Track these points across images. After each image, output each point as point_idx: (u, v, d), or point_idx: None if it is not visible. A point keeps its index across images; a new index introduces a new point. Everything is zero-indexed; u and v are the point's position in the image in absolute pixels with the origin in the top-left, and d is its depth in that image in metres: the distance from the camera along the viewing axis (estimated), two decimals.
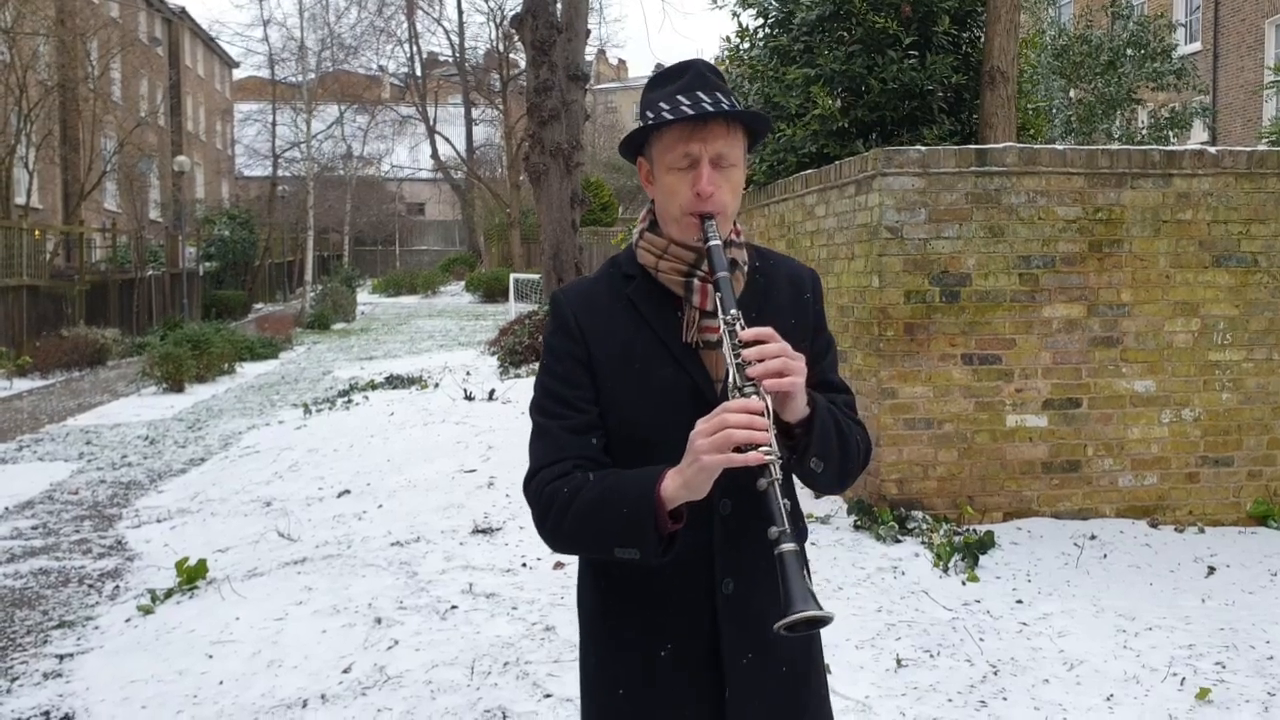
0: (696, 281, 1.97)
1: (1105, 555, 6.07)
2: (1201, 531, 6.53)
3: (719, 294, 1.90)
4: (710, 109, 1.91)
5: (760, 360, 1.80)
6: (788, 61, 8.52)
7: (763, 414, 1.77)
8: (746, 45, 9.29)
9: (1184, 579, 5.79)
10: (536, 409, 2.03)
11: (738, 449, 1.74)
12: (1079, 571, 5.84)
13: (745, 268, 2.03)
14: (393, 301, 40.00)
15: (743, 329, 1.85)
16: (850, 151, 7.57)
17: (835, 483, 2.01)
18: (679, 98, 1.94)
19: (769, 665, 2.00)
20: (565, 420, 1.97)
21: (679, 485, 1.80)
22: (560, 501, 1.90)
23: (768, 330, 1.84)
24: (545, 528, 1.94)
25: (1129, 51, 15.82)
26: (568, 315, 2.01)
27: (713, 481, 1.79)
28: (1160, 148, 7.15)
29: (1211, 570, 5.90)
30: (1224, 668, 4.62)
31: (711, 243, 1.92)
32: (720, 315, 1.89)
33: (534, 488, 1.96)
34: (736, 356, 1.82)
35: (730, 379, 1.82)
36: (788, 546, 1.72)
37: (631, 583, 1.98)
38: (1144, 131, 16.46)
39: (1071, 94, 16.74)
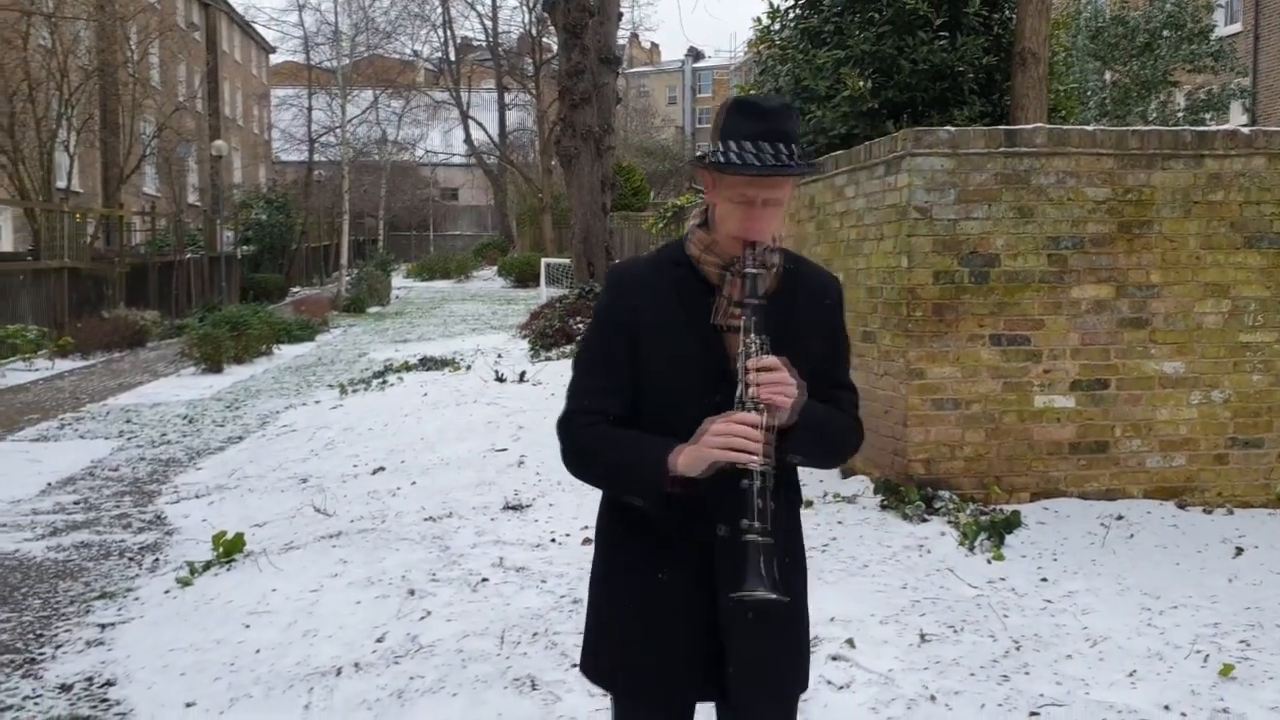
0: (730, 275, 2.31)
1: (1132, 535, 6.09)
2: (1230, 513, 6.52)
3: (751, 317, 2.25)
4: (773, 165, 2.22)
5: (766, 385, 2.20)
6: (818, 43, 8.54)
7: (758, 427, 2.19)
8: (777, 26, 9.31)
9: (1211, 559, 5.80)
10: (579, 361, 2.42)
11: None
12: (1105, 551, 5.86)
13: (779, 269, 2.36)
14: (426, 286, 40.26)
15: (760, 353, 2.23)
16: (880, 133, 7.58)
17: (819, 466, 2.47)
18: (746, 145, 2.22)
19: (762, 600, 2.26)
20: (600, 378, 2.36)
21: (685, 463, 2.22)
22: (593, 446, 2.33)
23: (774, 360, 2.22)
24: (573, 462, 2.38)
25: (1166, 33, 15.64)
26: (622, 287, 2.37)
27: (765, 475, 2.19)
28: (1192, 129, 7.12)
29: (1239, 551, 5.90)
30: (1249, 646, 4.63)
31: (748, 270, 2.27)
32: (743, 338, 2.24)
33: (569, 427, 2.37)
34: (747, 374, 2.22)
35: (740, 392, 2.22)
36: (752, 537, 2.15)
37: (644, 521, 2.34)
38: (1180, 114, 16.29)
39: (1107, 76, 16.58)
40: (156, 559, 6.74)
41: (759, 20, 9.39)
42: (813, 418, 2.29)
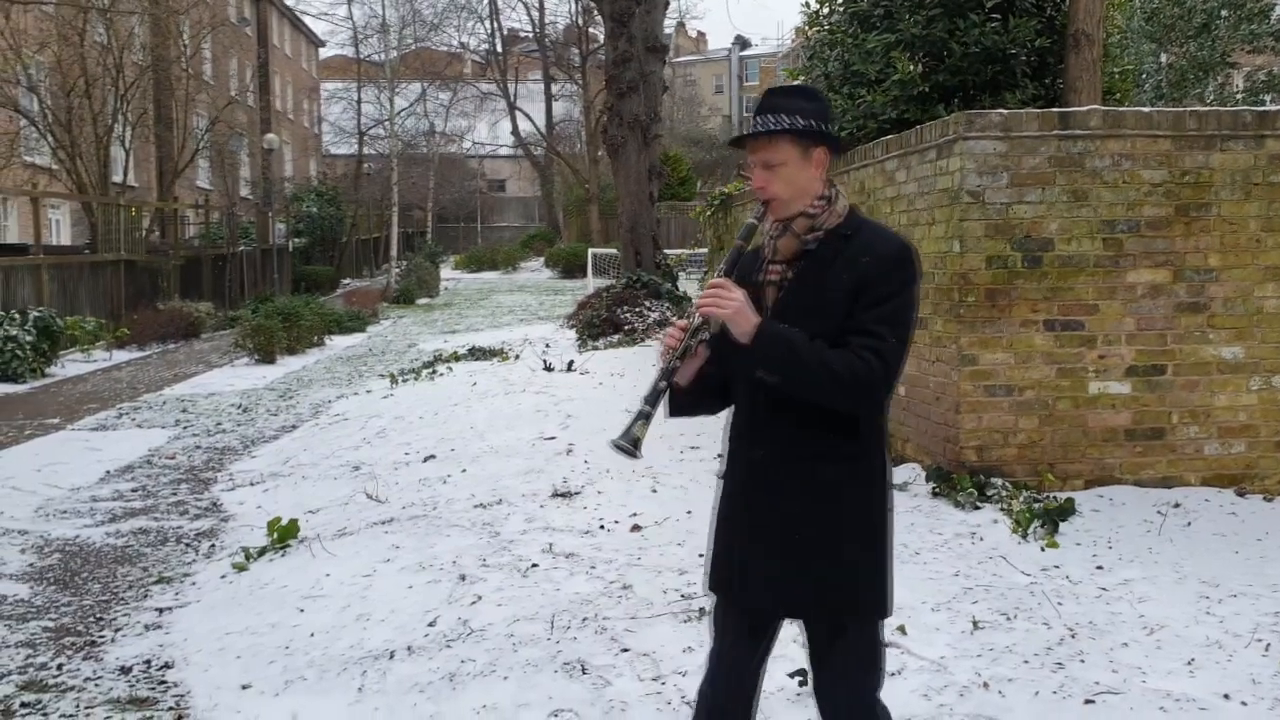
0: (767, 240, 2.78)
1: (1189, 523, 5.99)
2: None
3: (729, 252, 2.81)
4: (749, 132, 2.72)
5: (703, 298, 2.66)
6: (868, 27, 8.45)
7: (685, 330, 2.71)
8: (826, 11, 9.23)
9: (1271, 548, 5.69)
10: None
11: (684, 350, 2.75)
12: (1161, 539, 5.77)
13: (812, 234, 2.71)
14: (474, 277, 40.46)
15: (719, 278, 2.68)
16: (931, 117, 7.50)
17: (803, 393, 2.63)
18: (751, 119, 2.76)
19: (788, 518, 2.70)
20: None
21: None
22: None
23: (720, 280, 2.68)
24: None
25: (1224, 13, 15.30)
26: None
27: (669, 364, 2.71)
28: (1252, 108, 6.97)
29: None
30: None
31: (748, 221, 2.78)
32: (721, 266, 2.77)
33: None
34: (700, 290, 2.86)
35: (691, 303, 2.71)
36: (643, 407, 2.69)
37: (727, 449, 2.88)
38: (1239, 96, 15.92)
39: (1163, 58, 16.25)
40: (213, 545, 6.84)
41: (807, 5, 9.32)
42: (774, 337, 2.61)
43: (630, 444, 2.66)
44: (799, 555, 2.71)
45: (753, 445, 2.76)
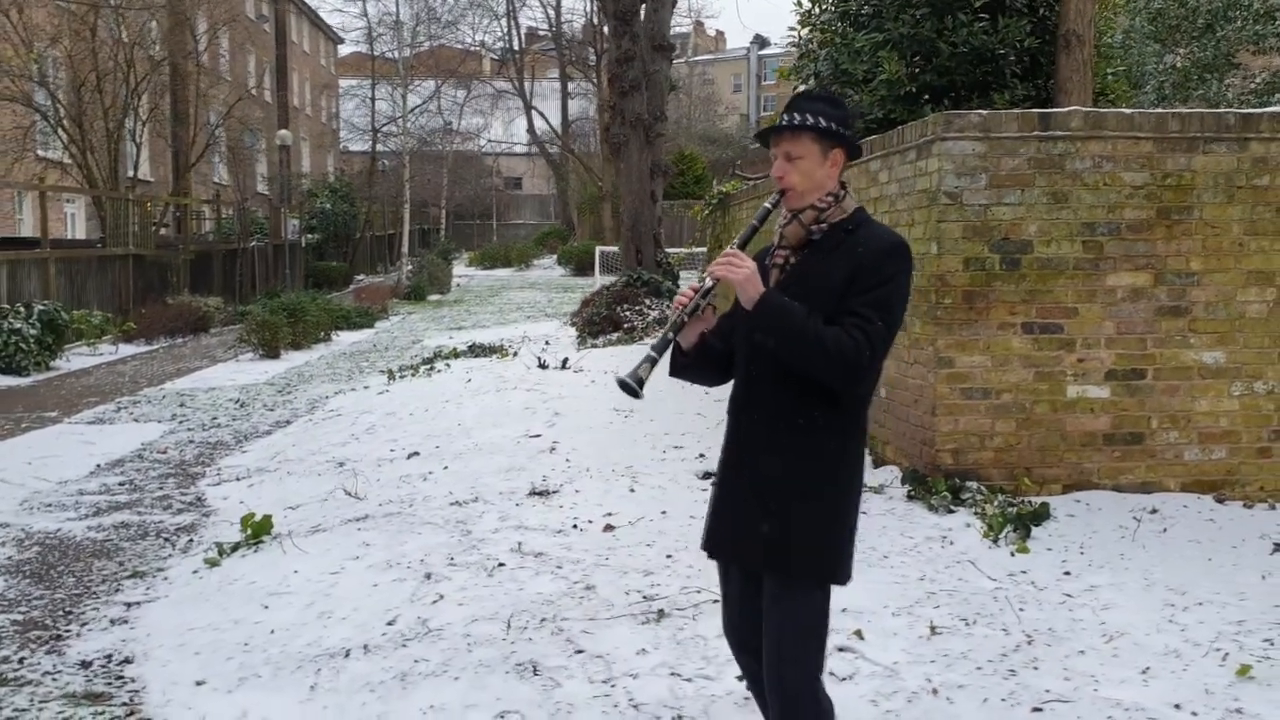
0: (777, 227, 3.01)
1: (1165, 530, 5.92)
2: (1272, 508, 6.32)
3: (745, 228, 3.05)
4: (773, 126, 2.99)
5: (716, 263, 2.87)
6: (857, 26, 8.40)
7: (697, 290, 2.95)
8: (818, 10, 9.18)
9: (1246, 555, 5.62)
10: None
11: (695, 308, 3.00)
12: (1135, 545, 5.71)
13: (818, 225, 2.94)
14: (487, 274, 40.50)
15: (733, 249, 2.91)
16: (918, 117, 7.44)
17: (799, 362, 2.81)
18: (778, 116, 3.05)
19: (760, 477, 2.94)
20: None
21: None
22: None
23: (731, 250, 2.90)
24: None
25: (1230, 13, 15.13)
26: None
27: (678, 318, 2.96)
28: (1236, 110, 6.89)
29: (1277, 548, 5.71)
30: (1272, 645, 4.48)
31: (764, 205, 3.01)
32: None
33: None
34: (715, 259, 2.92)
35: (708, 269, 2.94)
36: (651, 352, 2.88)
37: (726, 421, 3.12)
38: (1247, 97, 15.73)
39: (1177, 60, 16.05)
40: (191, 540, 6.85)
41: (799, 4, 9.27)
42: (776, 306, 2.80)
43: (635, 382, 2.85)
44: (760, 513, 2.92)
45: (743, 412, 3.01)
